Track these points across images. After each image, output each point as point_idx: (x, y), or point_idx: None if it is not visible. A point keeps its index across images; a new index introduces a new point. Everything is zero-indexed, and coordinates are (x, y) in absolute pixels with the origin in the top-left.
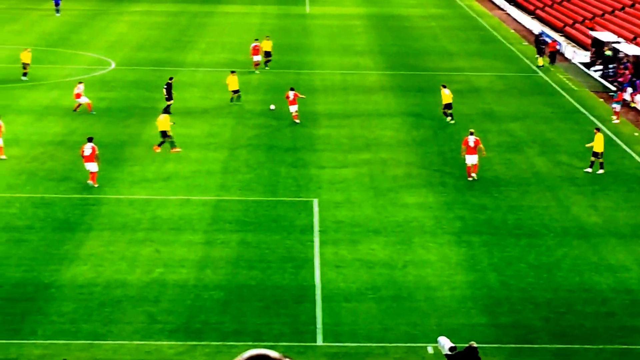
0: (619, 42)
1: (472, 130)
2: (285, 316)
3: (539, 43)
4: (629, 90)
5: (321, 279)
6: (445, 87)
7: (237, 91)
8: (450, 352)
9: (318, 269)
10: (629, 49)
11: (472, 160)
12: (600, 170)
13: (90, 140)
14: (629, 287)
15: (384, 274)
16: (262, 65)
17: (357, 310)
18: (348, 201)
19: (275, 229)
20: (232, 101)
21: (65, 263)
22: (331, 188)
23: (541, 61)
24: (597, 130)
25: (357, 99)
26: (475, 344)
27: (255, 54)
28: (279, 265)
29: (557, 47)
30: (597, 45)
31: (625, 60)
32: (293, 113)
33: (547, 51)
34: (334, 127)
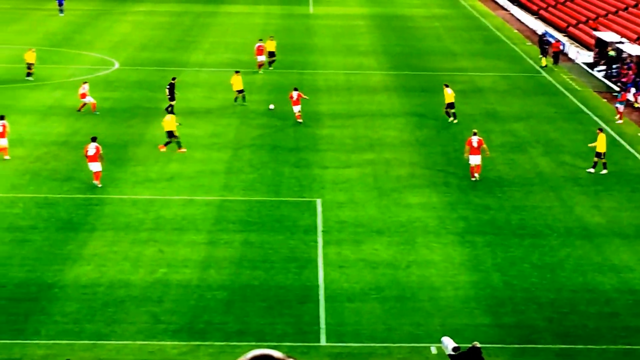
0: (623, 43)
1: (475, 130)
2: (288, 316)
3: (543, 43)
4: (633, 90)
5: (324, 279)
6: (447, 87)
7: (242, 91)
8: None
9: (321, 269)
10: (632, 49)
11: (475, 160)
12: (604, 170)
13: (94, 140)
14: (632, 287)
15: (387, 274)
16: (266, 65)
17: (360, 311)
18: (351, 201)
19: (279, 229)
20: (236, 101)
21: (68, 263)
22: (334, 188)
23: (545, 61)
24: (600, 131)
25: (361, 99)
26: (478, 344)
27: (260, 54)
28: (282, 265)
29: (561, 47)
30: (601, 46)
31: (628, 60)
32: (296, 113)
33: (551, 51)
34: (337, 127)
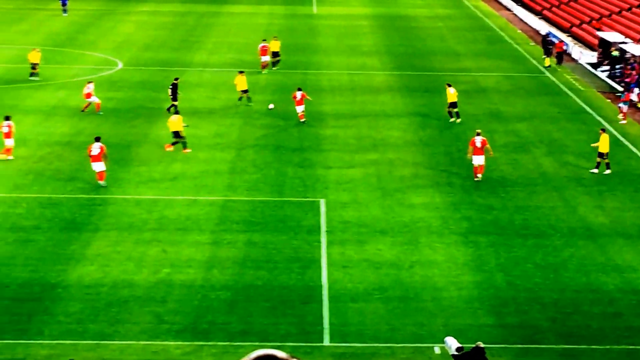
0: (626, 43)
1: (478, 130)
2: (292, 316)
3: (546, 43)
4: (636, 90)
5: (328, 279)
6: (450, 86)
7: (246, 91)
8: (457, 353)
9: (325, 269)
10: (636, 49)
11: (478, 160)
12: (607, 170)
13: (97, 140)
14: (635, 287)
15: (390, 274)
16: (270, 66)
17: (363, 311)
18: (355, 201)
19: (282, 229)
20: (241, 100)
21: (72, 263)
22: (338, 188)
23: (548, 61)
24: (603, 131)
25: (364, 99)
26: (482, 344)
27: (264, 54)
28: (285, 265)
29: (564, 47)
30: (604, 46)
31: (632, 60)
32: (299, 113)
33: (554, 51)
34: (341, 127)
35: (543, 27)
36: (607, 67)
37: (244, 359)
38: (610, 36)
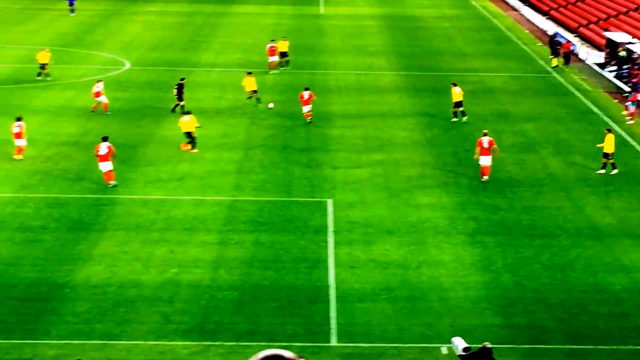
0: (633, 43)
1: (486, 131)
2: (299, 316)
3: (553, 44)
4: None
5: (335, 279)
6: (455, 86)
7: (255, 92)
8: (464, 353)
9: (332, 270)
10: None
11: (485, 161)
12: (614, 170)
13: (105, 139)
14: None
15: (397, 274)
16: (279, 66)
17: (371, 311)
18: (362, 201)
19: (290, 230)
20: (250, 99)
21: (79, 263)
22: (345, 188)
23: (555, 62)
24: (608, 131)
25: (371, 100)
26: (489, 345)
27: (272, 54)
28: (293, 265)
29: (571, 47)
30: (611, 46)
31: (639, 60)
32: (305, 112)
33: (562, 52)
34: (348, 127)
35: (550, 28)
36: (615, 68)
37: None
38: (618, 36)
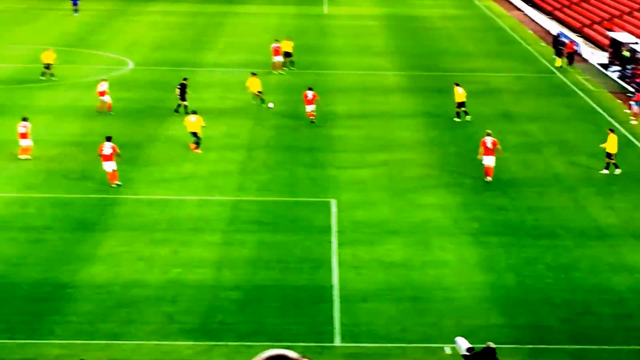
0: (637, 43)
1: (489, 131)
2: (303, 316)
3: (557, 44)
4: None
5: (339, 279)
6: (458, 86)
7: (260, 92)
8: (467, 353)
9: (336, 270)
10: None
11: (489, 161)
12: (617, 170)
13: (109, 139)
14: None
15: (401, 274)
16: (289, 65)
17: (374, 311)
18: (366, 202)
19: (293, 230)
20: (255, 101)
21: (83, 263)
22: (349, 189)
23: (559, 62)
24: (611, 131)
25: (375, 100)
26: (492, 345)
27: (276, 54)
28: (296, 265)
29: (575, 47)
30: (615, 46)
31: None
32: (308, 112)
33: (565, 52)
34: (351, 127)
35: (554, 28)
36: (618, 68)
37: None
38: (621, 36)
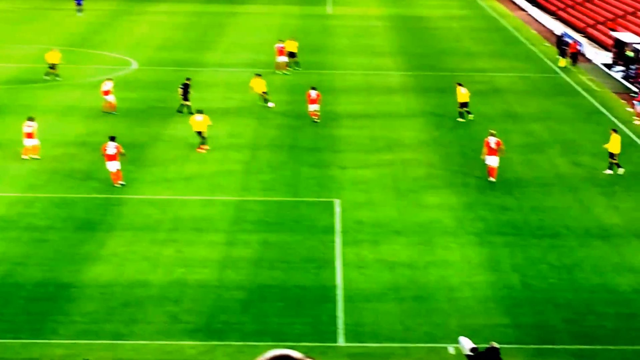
0: None
1: (493, 131)
2: (306, 316)
3: (561, 44)
4: None
5: (343, 279)
6: (461, 86)
7: (266, 93)
8: (471, 353)
9: (340, 270)
10: None
11: (492, 161)
12: (620, 169)
13: (112, 139)
14: None
15: (405, 274)
16: (293, 66)
17: (378, 311)
18: (370, 202)
19: (297, 230)
20: (266, 102)
21: (86, 263)
22: (353, 188)
23: (563, 62)
24: (614, 131)
25: (379, 100)
26: (496, 345)
27: (281, 54)
28: (300, 265)
29: (579, 48)
30: (619, 46)
31: None
32: (312, 111)
33: (569, 52)
34: (355, 127)
35: (558, 28)
36: (622, 68)
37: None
38: (625, 37)
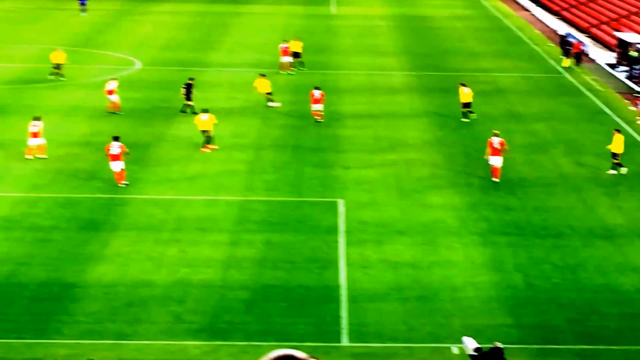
0: None
1: (496, 131)
2: (310, 316)
3: (565, 44)
4: None
5: (346, 279)
6: (464, 86)
7: (270, 93)
8: (475, 353)
9: (343, 270)
10: None
11: (495, 161)
12: (623, 169)
13: (116, 139)
14: None
15: (409, 274)
16: (298, 66)
17: (382, 311)
18: (373, 202)
19: (301, 230)
20: (271, 102)
21: (90, 263)
22: (356, 188)
23: (566, 62)
24: (617, 131)
25: (383, 100)
26: (500, 345)
27: (285, 55)
28: (304, 265)
29: (582, 48)
30: (623, 46)
31: None
32: (315, 111)
33: (573, 52)
34: (359, 127)
35: (561, 28)
36: (626, 68)
37: (262, 359)
38: (629, 37)
